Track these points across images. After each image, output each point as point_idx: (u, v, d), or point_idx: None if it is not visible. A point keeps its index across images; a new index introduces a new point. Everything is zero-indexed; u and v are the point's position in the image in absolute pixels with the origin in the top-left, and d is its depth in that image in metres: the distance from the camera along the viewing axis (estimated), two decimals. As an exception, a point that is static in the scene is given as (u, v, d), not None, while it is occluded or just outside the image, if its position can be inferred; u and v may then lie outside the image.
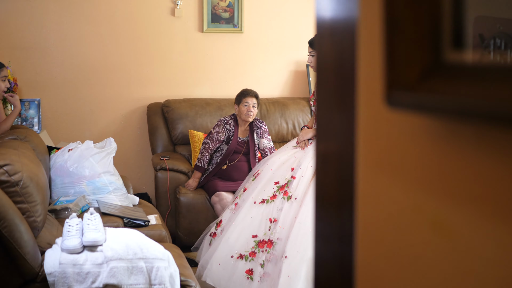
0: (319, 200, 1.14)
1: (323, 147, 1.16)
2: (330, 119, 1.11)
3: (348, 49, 1.02)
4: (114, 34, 5.93)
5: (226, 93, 6.17)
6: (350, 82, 1.02)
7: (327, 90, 1.12)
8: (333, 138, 1.09)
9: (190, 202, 5.23)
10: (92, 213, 3.31)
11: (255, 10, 6.24)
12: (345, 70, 1.03)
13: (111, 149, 4.45)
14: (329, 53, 1.09)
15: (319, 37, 1.16)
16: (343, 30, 1.03)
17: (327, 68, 1.11)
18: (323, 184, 1.12)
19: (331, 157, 1.11)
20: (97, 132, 5.94)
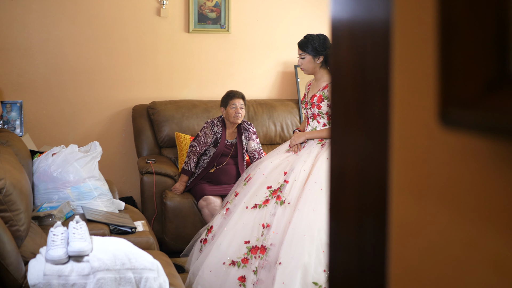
0: (333, 223, 1.04)
1: (337, 163, 1.05)
2: (347, 131, 1.00)
3: (373, 55, 0.91)
4: (98, 35, 5.82)
5: (213, 94, 6.08)
6: (376, 93, 0.91)
7: (343, 100, 1.01)
8: (350, 153, 0.98)
9: (177, 206, 5.15)
10: (78, 221, 3.19)
11: (242, 10, 6.16)
12: (367, 79, 0.92)
13: (96, 153, 4.33)
14: (347, 59, 0.99)
15: (334, 41, 1.05)
16: (367, 32, 0.92)
17: (344, 76, 1.00)
18: (337, 201, 1.02)
19: (348, 175, 1.00)
20: (81, 135, 5.82)
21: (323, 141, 4.24)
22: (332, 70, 1.06)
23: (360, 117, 0.95)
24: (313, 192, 3.91)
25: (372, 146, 0.92)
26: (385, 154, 0.85)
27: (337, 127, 1.04)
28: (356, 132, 0.97)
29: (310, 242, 3.72)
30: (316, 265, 3.68)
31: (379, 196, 0.88)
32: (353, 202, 0.97)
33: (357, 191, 0.96)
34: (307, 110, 4.35)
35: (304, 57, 4.26)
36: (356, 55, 0.95)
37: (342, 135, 1.03)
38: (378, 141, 0.90)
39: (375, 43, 0.89)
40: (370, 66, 0.91)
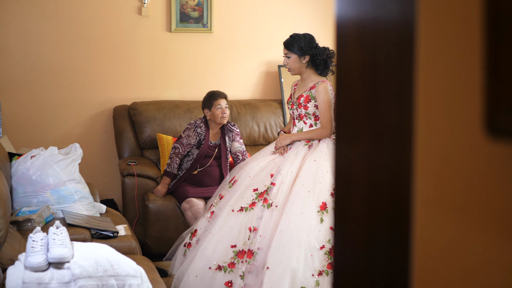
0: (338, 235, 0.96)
1: (342, 171, 0.97)
2: (355, 137, 0.92)
3: (387, 55, 0.83)
4: (78, 34, 5.72)
5: (195, 95, 6.01)
6: (391, 96, 0.83)
7: (351, 103, 0.93)
8: (359, 161, 0.90)
9: (159, 209, 5.09)
10: (58, 226, 3.09)
11: (225, 9, 6.09)
12: (379, 81, 0.84)
13: (77, 156, 4.23)
14: (355, 59, 0.91)
15: (340, 40, 0.97)
16: (380, 31, 0.84)
17: (352, 77, 0.92)
18: (344, 213, 0.93)
19: (355, 184, 0.92)
20: (60, 136, 5.72)
21: (310, 142, 4.18)
22: (337, 71, 0.98)
23: (370, 121, 0.88)
24: (300, 194, 3.84)
25: (386, 154, 0.84)
26: (404, 163, 0.77)
27: (344, 132, 0.96)
28: (365, 138, 0.89)
29: (298, 246, 3.65)
30: (304, 270, 3.62)
31: (395, 209, 0.80)
32: (362, 215, 0.89)
33: (367, 201, 0.88)
34: (293, 111, 4.28)
35: (290, 56, 4.20)
36: (365, 55, 0.88)
37: (349, 141, 0.95)
38: (393, 148, 0.82)
39: (390, 43, 0.81)
40: (383, 67, 0.83)
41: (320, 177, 3.91)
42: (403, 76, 0.78)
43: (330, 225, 3.75)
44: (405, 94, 0.78)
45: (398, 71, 0.79)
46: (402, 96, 0.78)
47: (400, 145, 0.79)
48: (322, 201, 3.82)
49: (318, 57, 4.18)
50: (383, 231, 0.83)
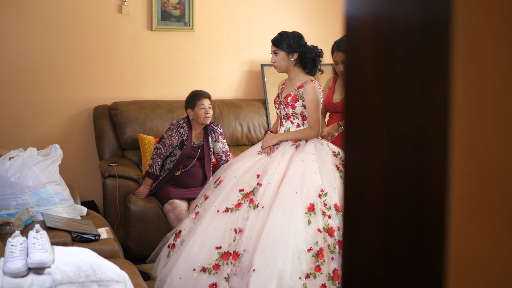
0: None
1: (354, 174, 0.89)
2: (369, 138, 0.85)
3: (408, 52, 0.76)
4: (56, 32, 5.63)
5: (177, 94, 5.94)
6: (414, 94, 0.76)
7: (364, 103, 0.85)
8: (373, 164, 0.83)
9: (141, 210, 5.03)
10: (38, 230, 2.99)
11: (207, 8, 6.03)
12: (399, 78, 0.78)
13: (57, 157, 4.13)
14: (369, 56, 0.84)
15: (350, 36, 0.90)
16: (400, 27, 0.78)
17: (366, 75, 0.85)
18: (355, 221, 0.86)
19: (369, 189, 0.85)
20: (39, 137, 5.62)
21: (297, 142, 4.11)
22: (347, 68, 0.91)
23: (387, 120, 0.81)
24: (287, 195, 3.78)
25: (406, 155, 0.76)
26: (431, 166, 0.69)
27: (355, 132, 0.88)
28: (381, 138, 0.82)
29: (285, 248, 3.58)
30: (291, 272, 3.55)
31: (419, 219, 0.72)
32: (377, 224, 0.81)
33: (383, 208, 0.81)
34: (280, 110, 4.21)
35: (278, 54, 4.13)
36: (381, 51, 0.81)
37: (362, 141, 0.87)
38: (416, 149, 0.75)
39: (412, 37, 0.74)
40: (403, 63, 0.77)
41: (307, 178, 3.85)
42: (428, 72, 0.71)
43: (318, 227, 3.69)
44: (430, 91, 0.71)
45: (422, 67, 0.73)
46: (426, 93, 0.72)
47: (426, 145, 0.73)
48: (310, 202, 3.76)
49: (307, 55, 4.12)
50: (403, 246, 0.76)
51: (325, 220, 3.71)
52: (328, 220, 3.71)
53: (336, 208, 3.78)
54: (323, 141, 4.14)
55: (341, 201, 3.83)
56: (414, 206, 0.74)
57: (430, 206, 0.72)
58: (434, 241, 0.69)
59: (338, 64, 4.42)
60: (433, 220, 0.70)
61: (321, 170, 3.91)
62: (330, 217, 3.73)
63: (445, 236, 0.67)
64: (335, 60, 4.43)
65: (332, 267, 3.61)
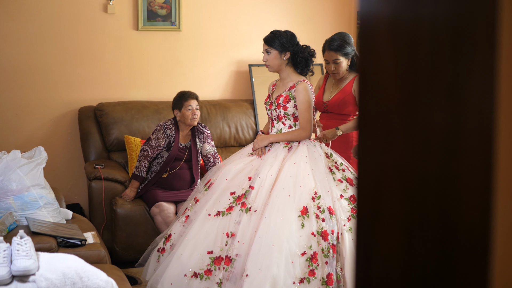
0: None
1: (370, 180, 0.82)
2: (389, 142, 0.77)
3: (430, 52, 0.69)
4: (41, 32, 5.55)
5: (163, 95, 5.87)
6: (442, 98, 0.69)
7: (382, 106, 0.78)
8: (392, 169, 0.76)
9: (127, 214, 4.98)
10: (22, 236, 2.91)
11: (194, 7, 5.97)
12: (424, 81, 0.71)
13: (41, 159, 4.04)
14: (388, 57, 0.77)
15: (364, 36, 0.83)
16: (422, 27, 0.71)
17: (384, 77, 0.78)
18: (370, 233, 0.79)
19: (388, 197, 0.78)
20: (23, 138, 5.53)
21: (289, 144, 4.04)
22: (361, 70, 0.84)
23: (408, 125, 0.74)
24: (280, 198, 3.70)
25: (432, 162, 0.69)
26: (470, 179, 0.62)
27: (371, 137, 0.81)
28: (401, 143, 0.75)
29: (278, 252, 3.51)
30: (285, 277, 3.48)
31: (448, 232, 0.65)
32: (395, 236, 0.74)
33: (403, 219, 0.73)
34: (271, 111, 4.14)
35: (270, 52, 4.05)
36: (402, 53, 0.75)
37: (378, 147, 0.79)
38: (445, 156, 0.67)
39: (439, 39, 0.68)
40: (428, 66, 0.70)
41: (300, 180, 3.78)
42: (459, 74, 0.65)
43: (311, 230, 3.62)
44: (460, 94, 0.65)
45: (451, 68, 0.66)
46: (456, 97, 0.65)
47: (456, 154, 0.65)
48: (303, 205, 3.69)
49: (299, 55, 4.05)
50: (427, 273, 0.68)
51: (319, 224, 3.65)
52: (321, 224, 3.65)
53: (330, 211, 3.71)
54: (316, 143, 4.07)
55: (334, 204, 3.77)
56: (441, 223, 0.67)
57: (463, 224, 0.64)
58: (469, 271, 0.62)
59: (329, 63, 4.35)
60: (467, 243, 0.63)
61: (314, 172, 3.84)
62: (324, 220, 3.66)
63: (485, 264, 0.59)
64: (326, 59, 4.37)
65: (326, 272, 3.55)
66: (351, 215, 3.76)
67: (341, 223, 3.71)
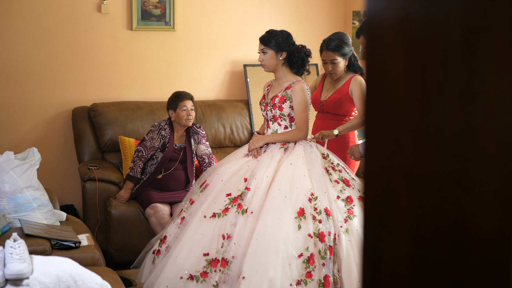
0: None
1: (376, 186, 0.79)
2: (397, 149, 0.75)
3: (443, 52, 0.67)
4: (34, 32, 5.50)
5: (158, 95, 5.83)
6: (455, 101, 0.67)
7: (390, 110, 0.76)
8: (401, 176, 0.73)
9: (122, 215, 4.94)
10: (16, 239, 2.87)
11: (188, 7, 5.93)
12: (433, 82, 0.69)
13: (34, 161, 4.00)
14: (397, 58, 0.75)
15: (372, 36, 0.80)
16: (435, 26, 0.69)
17: (392, 80, 0.76)
18: (378, 244, 0.75)
19: (397, 208, 0.75)
20: (16, 139, 5.49)
21: (285, 145, 4.00)
22: (368, 71, 0.80)
23: (419, 129, 0.71)
24: (277, 200, 3.67)
25: (447, 173, 0.66)
26: (487, 187, 0.59)
27: (379, 143, 0.78)
28: (411, 148, 0.72)
29: (275, 255, 3.48)
30: (282, 279, 3.45)
31: (464, 247, 0.62)
32: (406, 248, 0.71)
33: (413, 231, 0.70)
34: (266, 112, 4.10)
35: (266, 52, 4.02)
36: (412, 53, 0.72)
37: (387, 153, 0.76)
38: (460, 162, 0.65)
39: (452, 39, 0.65)
40: (440, 67, 0.68)
41: (297, 181, 3.75)
42: (474, 76, 0.62)
43: (308, 232, 3.59)
44: (475, 98, 0.62)
45: (465, 71, 0.63)
46: (470, 100, 0.62)
47: (471, 161, 0.62)
48: (300, 206, 3.66)
49: (296, 55, 4.02)
50: (440, 272, 0.65)
51: (316, 225, 3.61)
52: (318, 225, 3.61)
53: (327, 212, 3.68)
54: (312, 143, 4.04)
55: (330, 205, 3.74)
56: (454, 232, 0.64)
57: (478, 234, 0.61)
58: (486, 283, 0.59)
59: (326, 64, 4.32)
60: (483, 254, 0.60)
61: (310, 173, 3.81)
62: (321, 222, 3.63)
63: (504, 276, 0.56)
64: (324, 59, 4.33)
65: (323, 274, 3.52)
66: (348, 216, 3.73)
67: (338, 224, 3.68)
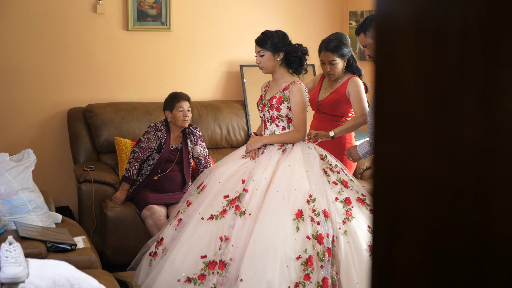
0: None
1: (389, 193, 0.77)
2: (409, 151, 0.72)
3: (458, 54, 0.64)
4: (29, 32, 5.46)
5: (154, 96, 5.80)
6: (472, 104, 0.64)
7: (402, 113, 0.73)
8: (412, 181, 0.71)
9: (118, 216, 4.90)
10: (11, 242, 2.83)
11: (184, 7, 5.90)
12: (448, 84, 0.66)
13: (30, 162, 3.96)
14: (409, 59, 0.73)
15: (382, 35, 0.77)
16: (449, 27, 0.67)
17: (404, 81, 0.73)
18: (389, 257, 0.73)
19: (410, 217, 0.72)
20: (11, 141, 5.45)
21: (283, 146, 3.97)
22: (377, 73, 0.78)
23: (433, 137, 0.68)
24: (275, 201, 3.64)
25: (465, 181, 0.64)
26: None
27: (391, 149, 0.75)
28: (425, 157, 0.69)
29: (273, 257, 3.45)
30: (280, 282, 3.42)
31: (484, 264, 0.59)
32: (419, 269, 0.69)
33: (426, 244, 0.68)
34: (264, 113, 4.07)
35: (263, 55, 3.98)
36: (426, 55, 0.69)
37: (399, 160, 0.74)
38: (479, 175, 0.62)
39: (472, 40, 0.64)
40: (456, 69, 0.65)
41: (295, 183, 3.72)
42: (492, 82, 0.60)
43: (307, 234, 3.56)
44: (495, 103, 0.59)
45: (484, 76, 0.61)
46: (490, 105, 0.60)
47: (491, 169, 0.60)
48: (298, 208, 3.63)
49: (293, 54, 3.98)
50: (456, 285, 0.63)
51: (314, 227, 3.59)
52: (317, 227, 3.59)
53: (325, 214, 3.65)
54: (310, 144, 4.01)
55: (329, 207, 3.71)
56: (474, 246, 0.61)
57: (498, 246, 0.59)
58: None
59: (324, 64, 4.29)
60: (503, 267, 0.57)
61: (308, 174, 3.78)
62: (319, 224, 3.60)
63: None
64: (322, 60, 4.31)
65: (322, 276, 3.49)
66: (346, 218, 3.71)
67: (336, 226, 3.66)
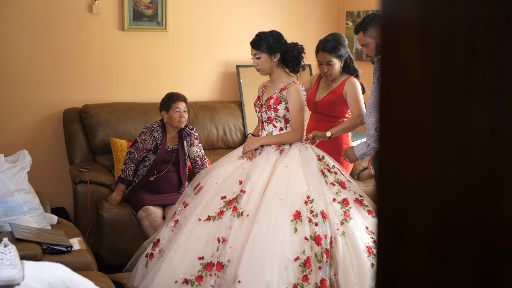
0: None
1: (394, 198, 0.75)
2: (417, 154, 0.71)
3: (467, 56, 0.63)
4: (24, 32, 5.44)
5: (150, 97, 5.79)
6: (481, 105, 0.63)
7: (409, 114, 0.72)
8: (419, 184, 0.69)
9: (114, 218, 4.89)
10: (7, 244, 2.82)
11: (181, 7, 5.88)
12: (457, 86, 0.65)
13: (25, 163, 3.94)
14: (416, 61, 0.71)
15: (387, 36, 0.76)
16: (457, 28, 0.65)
17: (410, 82, 0.72)
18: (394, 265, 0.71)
19: (415, 222, 0.70)
20: (6, 141, 5.43)
21: (281, 147, 3.96)
22: (383, 75, 0.76)
23: (441, 140, 0.67)
24: (272, 202, 3.62)
25: (473, 185, 0.62)
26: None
27: (396, 152, 0.74)
28: (432, 160, 0.68)
29: (271, 258, 3.44)
30: (278, 283, 3.41)
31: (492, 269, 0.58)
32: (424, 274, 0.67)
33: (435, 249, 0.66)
34: (261, 114, 4.05)
35: (260, 57, 3.96)
36: (434, 57, 0.68)
37: (404, 162, 0.72)
38: (488, 176, 0.61)
39: (480, 41, 0.62)
40: (465, 71, 0.63)
41: (292, 184, 3.70)
42: (502, 84, 0.59)
43: (305, 235, 3.55)
44: (502, 106, 0.58)
45: (493, 78, 0.60)
46: (498, 109, 0.59)
47: (501, 172, 0.58)
48: (296, 209, 3.62)
49: (289, 54, 3.96)
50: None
51: (312, 228, 3.57)
52: (315, 228, 3.57)
53: (323, 215, 3.63)
54: (308, 145, 3.99)
55: (326, 208, 3.69)
56: (483, 251, 0.60)
57: (508, 253, 0.57)
58: None
59: (322, 65, 4.28)
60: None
61: (306, 175, 3.76)
62: (317, 225, 3.58)
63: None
64: (319, 61, 4.29)
65: (320, 277, 3.47)
66: (344, 219, 3.70)
67: (334, 227, 3.64)
